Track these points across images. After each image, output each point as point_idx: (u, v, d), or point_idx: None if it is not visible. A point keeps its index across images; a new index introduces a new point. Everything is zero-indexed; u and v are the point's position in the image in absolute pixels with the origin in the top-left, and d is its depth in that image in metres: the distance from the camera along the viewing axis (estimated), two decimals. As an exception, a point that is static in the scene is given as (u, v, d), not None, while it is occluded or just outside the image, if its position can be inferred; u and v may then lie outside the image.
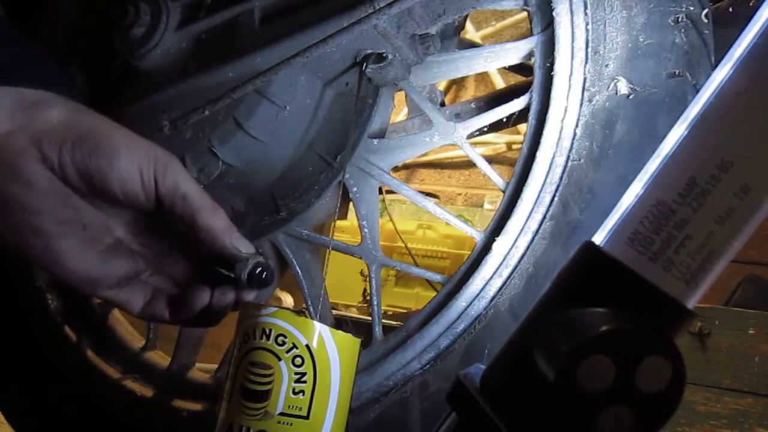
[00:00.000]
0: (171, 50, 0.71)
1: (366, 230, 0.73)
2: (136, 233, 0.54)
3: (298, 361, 0.51)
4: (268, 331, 0.51)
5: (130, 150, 0.48)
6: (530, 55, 0.70)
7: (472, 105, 0.84)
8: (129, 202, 0.49)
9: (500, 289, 0.66)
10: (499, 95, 0.85)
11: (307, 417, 0.51)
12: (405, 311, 1.58)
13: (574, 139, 0.65)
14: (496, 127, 0.77)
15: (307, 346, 0.51)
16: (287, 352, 0.51)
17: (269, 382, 0.50)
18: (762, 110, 0.33)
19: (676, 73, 0.63)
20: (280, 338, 0.51)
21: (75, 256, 0.49)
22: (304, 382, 0.51)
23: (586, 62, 0.65)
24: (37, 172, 0.46)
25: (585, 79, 0.65)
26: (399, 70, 0.69)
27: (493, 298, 0.66)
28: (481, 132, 0.75)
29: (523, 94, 0.70)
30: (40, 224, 0.47)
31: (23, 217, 0.46)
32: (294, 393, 0.51)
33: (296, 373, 0.51)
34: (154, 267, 0.56)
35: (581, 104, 0.65)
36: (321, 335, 0.52)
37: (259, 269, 0.53)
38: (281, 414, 0.50)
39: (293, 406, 0.50)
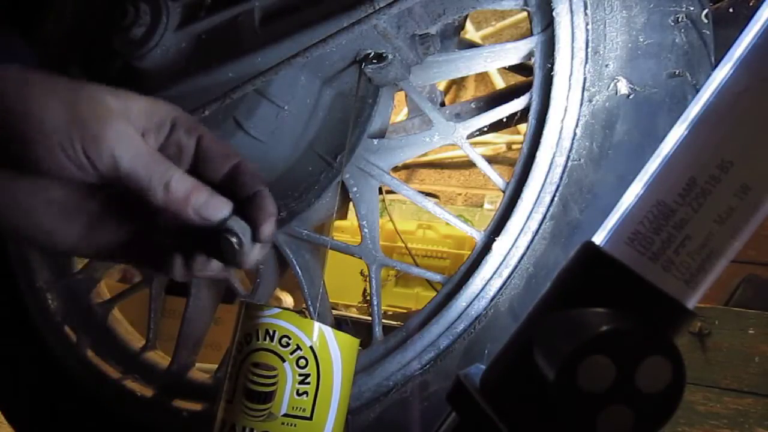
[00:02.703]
0: (171, 50, 0.71)
1: (366, 230, 0.73)
2: (111, 204, 0.48)
3: (302, 362, 0.51)
4: (272, 333, 0.51)
5: (43, 128, 0.40)
6: (530, 55, 0.70)
7: (472, 105, 0.84)
8: (72, 179, 0.42)
9: (500, 289, 0.66)
10: (499, 95, 0.85)
11: (310, 418, 0.51)
12: (405, 311, 1.58)
13: (574, 139, 0.65)
14: (496, 127, 0.77)
15: (311, 347, 0.51)
16: (291, 353, 0.51)
17: (273, 384, 0.51)
18: (762, 110, 0.33)
19: (676, 73, 0.63)
20: (284, 339, 0.51)
21: (58, 232, 0.45)
22: (308, 383, 0.51)
23: (586, 62, 0.65)
24: None
25: (585, 79, 0.65)
26: (399, 70, 0.69)
27: (493, 298, 0.66)
28: (481, 132, 0.75)
29: (523, 94, 0.70)
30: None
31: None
32: (298, 394, 0.51)
33: (300, 375, 0.51)
34: (143, 234, 0.49)
35: (581, 104, 0.65)
36: (324, 336, 0.52)
37: (224, 244, 0.44)
38: (285, 415, 0.50)
39: (297, 408, 0.50)
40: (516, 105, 0.71)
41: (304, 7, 0.67)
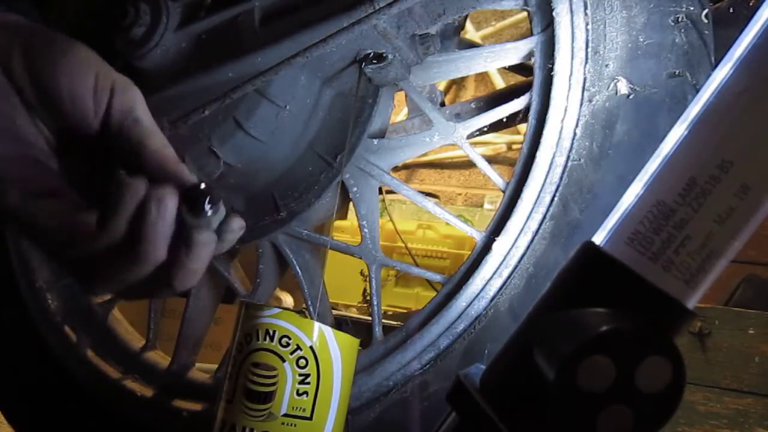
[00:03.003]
0: (171, 50, 0.71)
1: (366, 230, 0.73)
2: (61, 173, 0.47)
3: (302, 362, 0.51)
4: (272, 333, 0.51)
5: (89, 58, 0.45)
6: (530, 55, 0.70)
7: (472, 105, 0.84)
8: (75, 115, 0.44)
9: (500, 289, 0.66)
10: (499, 95, 0.85)
11: (310, 418, 0.51)
12: (405, 311, 1.58)
13: (574, 139, 0.65)
14: (496, 127, 0.78)
15: (311, 347, 0.51)
16: (291, 353, 0.51)
17: (273, 384, 0.51)
18: (762, 110, 0.33)
19: (676, 73, 0.63)
20: (284, 339, 0.51)
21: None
22: (308, 383, 0.51)
23: (586, 62, 0.65)
24: None
25: (585, 79, 0.65)
26: (399, 70, 0.69)
27: (493, 298, 0.66)
28: (481, 132, 0.75)
29: (523, 94, 0.70)
30: None
31: None
32: (298, 394, 0.51)
33: (300, 375, 0.51)
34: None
35: (581, 104, 0.65)
36: (324, 336, 0.52)
37: (200, 194, 0.42)
38: (285, 415, 0.50)
39: (297, 407, 0.50)
40: (516, 105, 0.71)
41: (304, 7, 0.67)
